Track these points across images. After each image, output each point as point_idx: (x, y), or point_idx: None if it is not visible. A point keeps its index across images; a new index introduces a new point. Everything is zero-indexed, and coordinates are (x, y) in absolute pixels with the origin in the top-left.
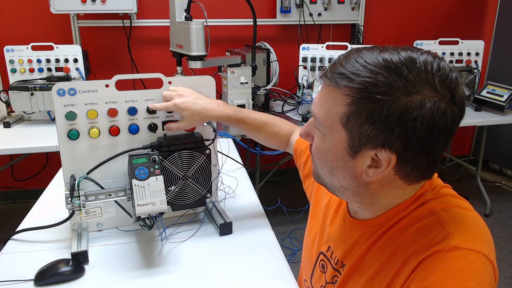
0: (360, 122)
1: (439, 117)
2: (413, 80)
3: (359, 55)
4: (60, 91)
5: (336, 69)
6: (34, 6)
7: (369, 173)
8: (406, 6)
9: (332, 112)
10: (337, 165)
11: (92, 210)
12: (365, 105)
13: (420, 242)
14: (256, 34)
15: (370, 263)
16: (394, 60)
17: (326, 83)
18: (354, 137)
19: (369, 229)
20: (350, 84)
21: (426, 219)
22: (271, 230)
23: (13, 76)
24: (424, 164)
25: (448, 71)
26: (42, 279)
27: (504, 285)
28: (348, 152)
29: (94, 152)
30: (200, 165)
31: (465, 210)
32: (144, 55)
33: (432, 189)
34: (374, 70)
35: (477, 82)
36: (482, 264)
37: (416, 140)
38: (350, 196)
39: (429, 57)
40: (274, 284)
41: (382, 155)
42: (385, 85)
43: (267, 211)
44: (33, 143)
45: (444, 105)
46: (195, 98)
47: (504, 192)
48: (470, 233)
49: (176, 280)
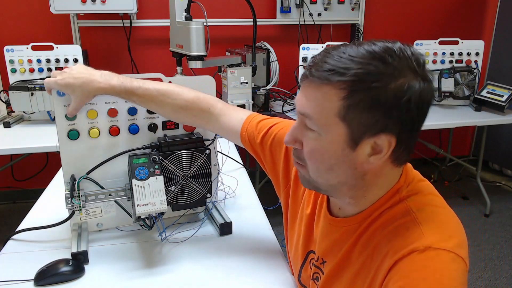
0: (360, 112)
1: (425, 95)
2: (398, 66)
3: (340, 51)
4: (60, 91)
5: (321, 67)
6: (34, 6)
7: (371, 160)
8: (406, 6)
9: (326, 108)
10: (336, 161)
11: (92, 210)
12: (361, 95)
13: (395, 241)
14: (256, 34)
15: (354, 260)
16: (376, 50)
17: (315, 82)
18: (354, 129)
19: (350, 227)
20: (343, 78)
21: (401, 219)
22: (271, 230)
23: (13, 76)
24: (413, 142)
25: (419, 55)
26: (42, 279)
27: (504, 285)
28: (349, 144)
29: (94, 152)
30: (200, 165)
31: (439, 209)
32: (144, 55)
33: (407, 184)
34: (362, 61)
35: (477, 82)
36: (454, 263)
37: (409, 119)
38: (347, 191)
39: (401, 45)
40: (273, 284)
41: (381, 141)
42: (376, 72)
43: (267, 211)
44: (33, 143)
45: (425, 84)
46: (78, 72)
47: (504, 192)
48: (443, 232)
49: (176, 280)
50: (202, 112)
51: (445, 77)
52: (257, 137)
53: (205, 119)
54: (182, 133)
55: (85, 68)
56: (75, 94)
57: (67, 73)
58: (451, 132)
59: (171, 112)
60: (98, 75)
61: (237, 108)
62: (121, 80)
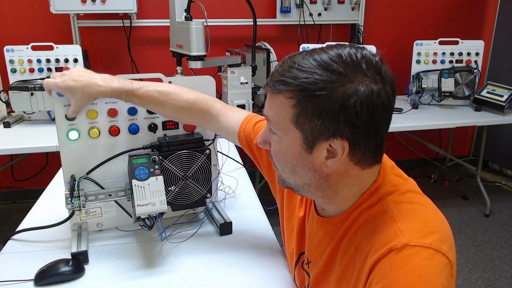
0: (309, 119)
1: (375, 97)
2: (344, 72)
3: (292, 60)
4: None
5: (275, 77)
6: (34, 6)
7: (328, 164)
8: (406, 6)
9: (283, 114)
10: (297, 163)
11: (92, 210)
12: (308, 103)
13: (374, 240)
14: (256, 34)
15: (338, 261)
16: (323, 58)
17: (269, 91)
18: (307, 134)
19: (333, 227)
20: (291, 88)
21: (380, 218)
22: (271, 230)
23: (13, 76)
24: (373, 145)
25: (371, 56)
26: (42, 279)
27: (504, 285)
28: (305, 148)
29: (94, 152)
30: (200, 165)
31: (416, 205)
32: (144, 55)
33: (386, 183)
34: (308, 70)
35: (477, 82)
36: (434, 258)
37: (361, 123)
38: (314, 191)
39: (352, 50)
40: (273, 284)
41: (335, 145)
42: (321, 81)
43: (267, 211)
44: (33, 143)
45: (376, 85)
46: (79, 75)
47: (504, 192)
48: (421, 228)
49: (176, 280)
50: (202, 112)
51: (445, 77)
52: (253, 138)
53: (205, 119)
54: (182, 133)
55: (85, 71)
56: (75, 96)
57: (67, 75)
58: (451, 132)
59: (171, 113)
60: (98, 78)
61: (236, 108)
62: (121, 82)
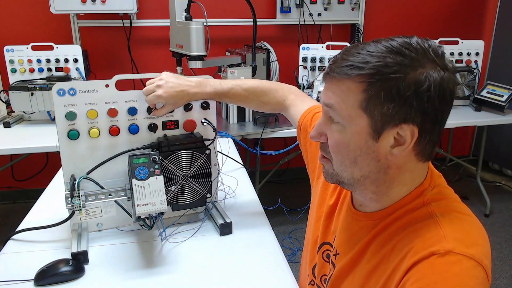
0: (380, 103)
1: (446, 83)
2: (415, 57)
3: (359, 48)
4: (60, 91)
5: (342, 63)
6: (34, 6)
7: (394, 152)
8: (406, 6)
9: (350, 100)
10: (360, 153)
11: (92, 210)
12: (381, 87)
13: (415, 242)
14: (256, 34)
15: (369, 257)
16: (393, 45)
17: (335, 77)
18: (377, 119)
19: (370, 222)
20: (362, 72)
21: (424, 221)
22: (271, 230)
23: (13, 76)
24: (436, 135)
25: (437, 47)
26: (42, 279)
27: (504, 285)
28: (372, 135)
29: (94, 152)
30: (200, 165)
31: (463, 215)
32: (144, 55)
33: (432, 188)
34: (380, 55)
35: (477, 82)
36: (475, 270)
37: (431, 109)
38: (368, 185)
39: (418, 39)
40: (273, 284)
41: (404, 131)
42: (394, 64)
43: (267, 211)
44: (33, 143)
45: (445, 73)
46: (174, 82)
47: (504, 192)
48: (466, 238)
49: (176, 280)
50: (279, 104)
51: None
52: (309, 129)
53: (281, 110)
54: (182, 133)
55: (175, 76)
56: (175, 103)
57: (162, 84)
58: (451, 132)
59: (255, 107)
60: (193, 83)
61: (306, 99)
62: (213, 86)
